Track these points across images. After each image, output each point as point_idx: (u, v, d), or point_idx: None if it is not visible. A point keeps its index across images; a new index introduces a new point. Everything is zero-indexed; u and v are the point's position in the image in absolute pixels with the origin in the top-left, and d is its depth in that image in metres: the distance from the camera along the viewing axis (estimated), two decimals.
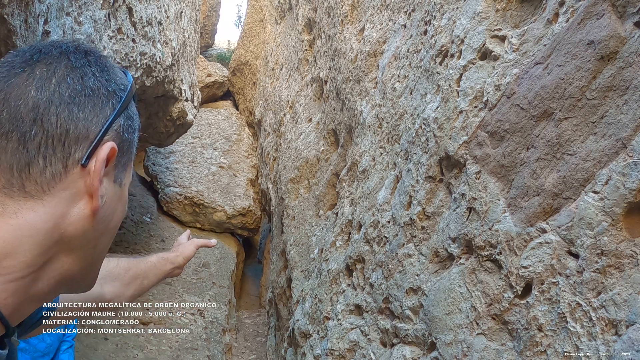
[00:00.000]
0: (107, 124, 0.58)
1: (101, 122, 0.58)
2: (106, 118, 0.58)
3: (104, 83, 0.60)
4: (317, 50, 4.40)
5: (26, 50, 0.59)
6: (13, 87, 0.54)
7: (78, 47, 0.61)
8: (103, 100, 0.59)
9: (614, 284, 1.02)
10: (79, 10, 2.07)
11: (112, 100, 0.60)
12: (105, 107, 0.59)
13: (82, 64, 0.59)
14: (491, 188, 1.49)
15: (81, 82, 0.57)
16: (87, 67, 0.59)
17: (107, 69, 0.61)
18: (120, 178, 0.63)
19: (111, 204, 0.60)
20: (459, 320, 1.52)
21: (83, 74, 0.58)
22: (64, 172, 0.55)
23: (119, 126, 0.60)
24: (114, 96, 0.60)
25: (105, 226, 0.60)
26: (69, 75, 0.57)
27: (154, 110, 3.94)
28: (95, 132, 0.57)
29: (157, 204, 6.41)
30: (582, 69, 1.21)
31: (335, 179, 3.40)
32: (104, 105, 0.59)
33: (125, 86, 0.63)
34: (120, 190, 0.63)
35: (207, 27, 11.36)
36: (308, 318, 2.97)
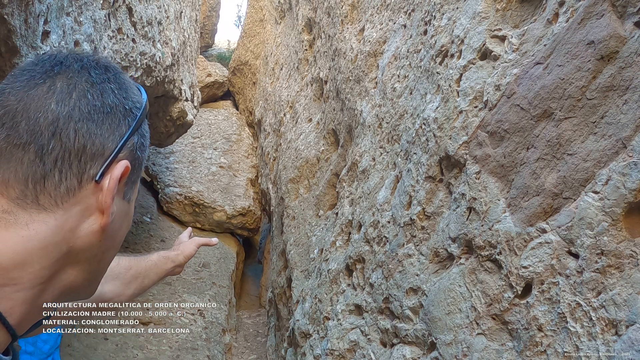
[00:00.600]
0: (123, 142, 0.58)
1: (117, 140, 0.58)
2: (122, 136, 0.59)
3: (121, 101, 0.60)
4: (317, 50, 4.40)
5: (46, 61, 0.59)
6: (33, 98, 0.54)
7: (98, 62, 0.61)
8: (120, 118, 0.59)
9: (614, 284, 1.02)
10: (79, 10, 2.07)
11: (129, 118, 0.60)
12: (122, 125, 0.59)
13: (102, 80, 0.59)
14: (491, 188, 1.49)
15: (100, 99, 0.57)
16: (107, 83, 0.59)
17: (125, 87, 0.62)
18: (129, 195, 0.64)
19: (119, 220, 0.61)
20: (459, 320, 1.52)
21: (103, 91, 0.58)
22: (78, 188, 0.55)
23: (133, 144, 0.61)
24: (130, 114, 0.61)
25: (112, 241, 0.61)
26: (89, 91, 0.57)
27: (154, 110, 3.94)
28: (110, 149, 0.57)
29: (157, 204, 6.41)
30: (582, 69, 1.21)
31: (335, 179, 3.40)
32: (121, 123, 0.59)
33: (141, 104, 0.63)
34: (127, 207, 0.64)
35: (207, 27, 11.36)
36: (308, 318, 2.97)
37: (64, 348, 3.60)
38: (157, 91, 3.52)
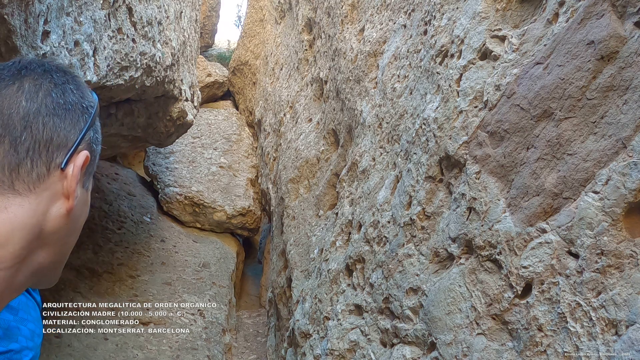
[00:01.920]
0: (82, 135, 0.67)
1: (77, 133, 0.66)
2: (81, 130, 0.67)
3: (79, 99, 0.68)
4: (317, 50, 4.40)
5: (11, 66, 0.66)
6: (4, 97, 0.62)
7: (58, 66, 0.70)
8: (79, 114, 0.67)
9: (614, 284, 1.02)
10: (79, 10, 2.06)
11: (85, 114, 0.68)
12: (80, 121, 0.67)
13: (63, 82, 0.67)
14: (491, 188, 1.49)
15: (63, 97, 0.66)
16: (67, 84, 0.68)
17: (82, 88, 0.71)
18: (87, 184, 0.71)
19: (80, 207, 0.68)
20: (459, 320, 1.52)
21: (64, 90, 0.67)
22: (47, 174, 0.63)
23: (90, 138, 0.69)
24: (86, 111, 0.69)
25: (74, 225, 0.68)
26: (53, 90, 0.65)
27: (154, 110, 3.93)
28: (72, 141, 0.65)
29: (157, 204, 6.41)
30: (582, 69, 1.21)
31: (335, 179, 3.40)
32: (79, 118, 0.67)
33: (94, 104, 0.72)
34: (86, 195, 0.71)
35: (207, 27, 11.36)
36: (308, 318, 2.97)
37: (64, 348, 3.60)
38: (157, 91, 3.52)
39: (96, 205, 5.31)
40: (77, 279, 4.35)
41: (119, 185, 6.04)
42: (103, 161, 6.15)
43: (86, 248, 4.71)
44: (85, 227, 4.99)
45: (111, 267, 4.70)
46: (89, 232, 4.91)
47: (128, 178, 6.47)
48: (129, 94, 3.10)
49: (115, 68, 2.55)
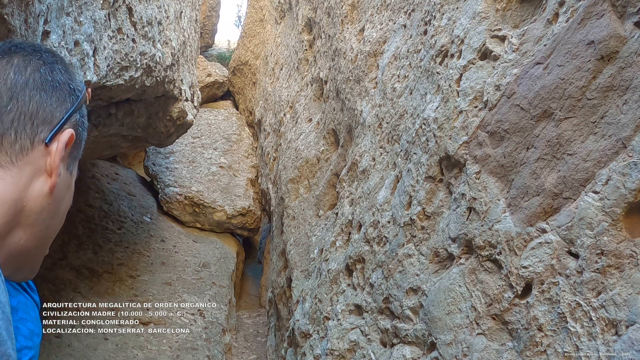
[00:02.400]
0: (68, 114, 0.67)
1: (63, 112, 0.66)
2: (67, 109, 0.67)
3: (67, 80, 0.69)
4: (317, 50, 4.40)
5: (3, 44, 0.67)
6: None
7: (47, 48, 0.71)
8: (65, 94, 0.68)
9: (614, 284, 1.02)
10: (79, 10, 2.06)
11: (72, 96, 0.69)
12: (67, 101, 0.68)
13: (52, 61, 0.68)
14: (491, 188, 1.49)
15: (51, 75, 0.66)
16: (56, 64, 0.68)
17: (69, 70, 0.71)
18: (72, 168, 0.70)
19: (63, 188, 0.67)
20: (459, 320, 1.52)
21: (52, 69, 0.67)
22: (30, 148, 0.62)
23: (76, 120, 0.69)
24: (74, 93, 0.69)
25: (57, 208, 0.67)
26: (42, 67, 0.66)
27: (154, 110, 3.93)
28: (58, 118, 0.65)
29: (157, 204, 6.40)
30: (582, 69, 1.21)
31: (335, 179, 3.40)
32: (66, 98, 0.68)
33: (82, 88, 0.72)
34: (70, 179, 0.70)
35: (207, 27, 11.35)
36: (308, 318, 2.97)
37: (64, 348, 3.60)
38: (157, 91, 3.51)
39: (96, 205, 5.31)
40: (77, 279, 4.35)
41: (119, 185, 6.04)
42: (103, 161, 6.15)
43: (86, 248, 4.71)
44: (85, 227, 5.00)
45: (111, 267, 4.70)
46: (89, 232, 4.91)
47: (128, 178, 6.47)
48: (129, 94, 3.10)
49: (115, 68, 2.55)
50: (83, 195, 5.23)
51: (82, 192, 5.25)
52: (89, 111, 3.25)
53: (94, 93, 2.39)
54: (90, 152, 4.19)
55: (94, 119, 3.23)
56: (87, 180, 5.51)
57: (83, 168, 5.51)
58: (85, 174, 5.58)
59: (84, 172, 5.55)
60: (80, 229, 4.87)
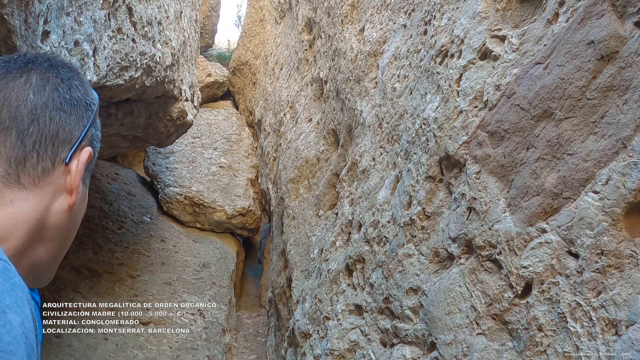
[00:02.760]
0: (85, 131, 0.67)
1: (81, 129, 0.66)
2: (84, 126, 0.67)
3: (84, 96, 0.69)
4: (317, 50, 4.40)
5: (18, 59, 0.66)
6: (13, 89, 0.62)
7: (63, 62, 0.70)
8: (83, 111, 0.68)
9: (614, 284, 1.02)
10: (79, 10, 2.06)
11: (89, 111, 0.69)
12: (84, 117, 0.68)
13: (69, 77, 0.68)
14: (491, 188, 1.49)
15: (69, 93, 0.66)
16: (73, 80, 0.68)
17: (85, 84, 0.71)
18: (87, 180, 0.71)
19: (80, 202, 0.68)
20: (459, 320, 1.52)
21: (70, 86, 0.67)
22: (52, 169, 0.63)
23: (92, 135, 0.70)
24: (89, 108, 0.69)
25: (74, 221, 0.68)
26: (60, 85, 0.65)
27: (154, 110, 3.93)
28: (76, 136, 0.66)
29: (157, 204, 6.40)
30: (582, 69, 1.21)
31: (335, 179, 3.40)
32: (83, 115, 0.67)
33: (96, 101, 0.72)
34: (85, 191, 0.71)
35: (207, 27, 11.35)
36: (308, 318, 2.97)
37: (64, 348, 3.60)
38: (157, 91, 3.51)
39: (96, 205, 5.31)
40: (77, 279, 4.35)
41: (119, 185, 6.04)
42: (103, 161, 6.15)
43: (86, 248, 4.71)
44: (85, 227, 5.00)
45: (111, 267, 4.70)
46: (89, 232, 4.91)
47: (128, 178, 6.47)
48: (129, 94, 3.10)
49: (115, 68, 2.55)
50: None
51: None
52: None
53: None
54: None
55: None
56: None
57: None
58: None
59: None
60: (80, 229, 4.84)
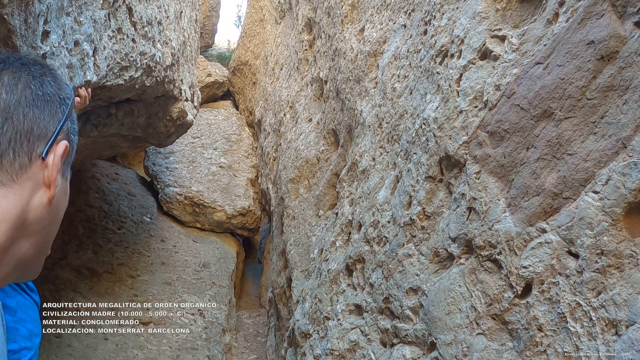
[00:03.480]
0: (60, 125, 0.68)
1: (55, 124, 0.68)
2: (59, 120, 0.69)
3: (57, 91, 0.70)
4: (317, 50, 4.40)
5: None
6: None
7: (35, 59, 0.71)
8: (57, 106, 0.69)
9: (614, 284, 1.02)
10: (79, 10, 2.06)
11: (63, 106, 0.70)
12: (58, 112, 0.69)
13: (40, 74, 0.69)
14: (491, 188, 1.49)
15: (41, 89, 0.67)
16: (45, 77, 0.69)
17: (58, 80, 0.72)
18: (66, 174, 0.72)
19: (60, 196, 0.69)
20: (459, 320, 1.52)
21: (42, 82, 0.68)
22: (29, 164, 0.64)
23: (67, 128, 0.71)
24: (64, 102, 0.71)
25: (55, 215, 0.69)
26: (32, 83, 0.67)
27: (154, 110, 3.93)
28: (51, 131, 0.67)
29: (157, 204, 6.40)
30: (582, 69, 1.21)
31: (335, 179, 3.40)
32: (57, 110, 0.69)
33: (71, 95, 0.73)
34: (65, 185, 0.72)
35: (207, 27, 11.35)
36: (308, 318, 2.97)
37: (64, 348, 3.60)
38: (157, 91, 3.51)
39: (96, 205, 5.31)
40: (77, 279, 4.35)
41: (119, 185, 6.04)
42: (103, 161, 6.15)
43: (86, 248, 4.71)
44: (85, 227, 5.00)
45: (111, 267, 4.70)
46: (89, 232, 4.91)
47: (128, 178, 6.47)
48: (129, 94, 3.10)
49: (115, 68, 2.55)
50: (83, 195, 5.23)
51: (82, 192, 5.25)
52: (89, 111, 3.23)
53: (94, 93, 2.39)
54: (90, 152, 4.19)
55: (94, 119, 3.23)
56: (87, 180, 5.51)
57: (83, 168, 5.50)
58: (85, 174, 5.58)
59: (83, 172, 5.54)
60: (80, 229, 4.87)
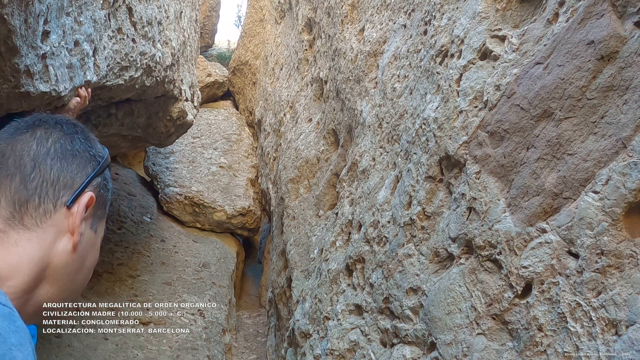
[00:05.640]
0: (89, 179, 0.74)
1: (83, 177, 0.73)
2: (88, 174, 0.74)
3: (87, 148, 0.76)
4: (317, 50, 4.40)
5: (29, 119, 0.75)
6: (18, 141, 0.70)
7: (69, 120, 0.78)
8: (86, 161, 0.75)
9: (614, 284, 1.02)
10: (79, 10, 2.06)
11: (93, 162, 0.76)
12: (88, 167, 0.75)
13: (72, 132, 0.75)
14: (491, 188, 1.49)
15: (71, 144, 0.74)
16: (75, 135, 0.76)
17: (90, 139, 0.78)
18: (95, 227, 0.77)
19: (87, 245, 0.74)
20: (459, 320, 1.52)
21: (72, 139, 0.74)
22: (53, 211, 0.69)
23: (97, 183, 0.76)
24: (94, 159, 0.76)
25: (81, 263, 0.73)
26: (62, 138, 0.73)
27: (154, 110, 3.93)
28: (79, 183, 0.72)
29: (157, 204, 6.40)
30: (582, 69, 1.21)
31: (335, 179, 3.40)
32: (87, 164, 0.75)
33: (103, 155, 0.79)
34: (94, 237, 0.77)
35: (207, 27, 11.35)
36: (308, 318, 2.97)
37: (64, 348, 3.60)
38: (157, 91, 3.51)
39: None
40: None
41: (119, 185, 6.04)
42: None
43: None
44: None
45: (111, 267, 4.70)
46: None
47: (128, 178, 6.47)
48: (129, 94, 3.10)
49: (115, 68, 2.55)
50: None
51: None
52: (89, 111, 3.23)
53: (94, 93, 2.39)
54: None
55: (94, 119, 3.24)
56: None
57: None
58: None
59: None
60: None
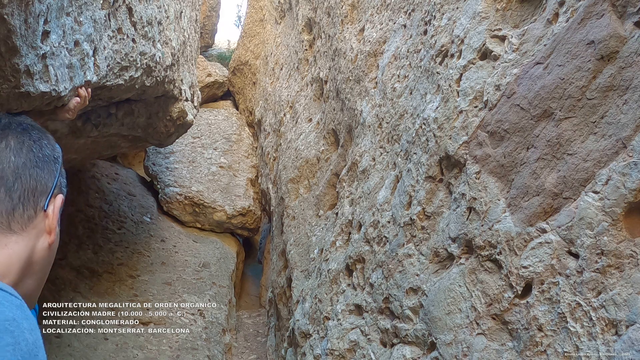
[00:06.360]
0: (56, 182, 0.83)
1: (52, 180, 0.82)
2: (55, 177, 0.82)
3: (52, 152, 0.84)
4: (317, 50, 4.40)
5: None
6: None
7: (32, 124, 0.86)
8: (52, 165, 0.83)
9: (614, 284, 1.02)
10: (79, 10, 2.06)
11: (56, 164, 0.84)
12: (53, 170, 0.83)
13: (38, 137, 0.83)
14: (491, 188, 1.49)
15: (41, 151, 0.82)
16: (42, 140, 0.84)
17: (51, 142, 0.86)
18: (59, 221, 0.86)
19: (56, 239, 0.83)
20: (459, 320, 1.52)
21: (41, 145, 0.82)
22: (35, 216, 0.78)
23: (61, 183, 0.85)
24: (57, 161, 0.85)
25: (52, 255, 0.83)
26: (33, 146, 0.81)
27: (154, 110, 3.93)
28: (50, 187, 0.81)
29: (157, 204, 6.40)
30: (582, 69, 1.21)
31: (335, 178, 3.40)
32: (53, 168, 0.83)
33: (60, 154, 0.87)
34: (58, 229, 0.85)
35: (207, 27, 11.35)
36: (308, 318, 2.97)
37: (64, 348, 3.60)
38: (157, 91, 3.51)
39: (96, 205, 5.31)
40: (77, 279, 4.35)
41: (119, 185, 6.04)
42: (103, 161, 6.15)
43: (86, 248, 4.71)
44: (85, 227, 4.99)
45: (111, 267, 4.70)
46: (89, 232, 4.91)
47: (128, 178, 6.47)
48: (129, 94, 3.10)
49: (115, 68, 2.55)
50: (83, 195, 5.23)
51: (82, 192, 5.25)
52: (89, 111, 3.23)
53: (94, 93, 2.39)
54: (90, 152, 4.19)
55: (94, 119, 3.23)
56: (87, 180, 5.51)
57: (83, 168, 5.50)
58: (85, 174, 5.58)
59: (83, 172, 5.54)
60: (80, 229, 4.87)
